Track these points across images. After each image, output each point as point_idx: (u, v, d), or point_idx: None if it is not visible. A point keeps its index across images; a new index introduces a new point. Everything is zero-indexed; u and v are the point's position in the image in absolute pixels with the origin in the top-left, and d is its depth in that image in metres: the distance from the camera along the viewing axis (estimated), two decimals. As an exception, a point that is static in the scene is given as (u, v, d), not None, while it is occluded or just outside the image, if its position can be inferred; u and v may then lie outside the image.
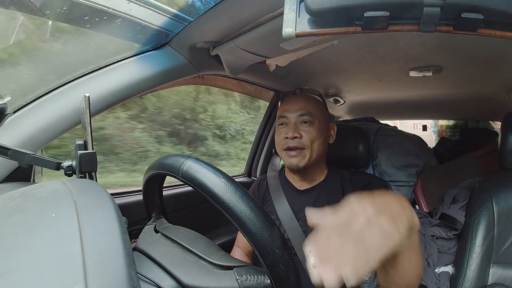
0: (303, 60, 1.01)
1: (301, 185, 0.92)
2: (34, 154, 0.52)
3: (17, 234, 0.28)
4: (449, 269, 0.99)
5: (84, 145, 0.50)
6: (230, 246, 0.97)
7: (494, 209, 0.87)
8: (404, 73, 1.23)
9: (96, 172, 0.51)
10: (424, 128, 3.12)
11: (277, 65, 1.00)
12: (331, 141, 0.92)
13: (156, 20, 0.74)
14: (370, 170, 1.28)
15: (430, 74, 1.20)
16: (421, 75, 1.22)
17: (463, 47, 0.96)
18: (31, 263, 0.25)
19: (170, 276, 0.42)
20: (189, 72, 0.88)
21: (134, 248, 0.50)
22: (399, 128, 1.49)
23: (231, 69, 0.93)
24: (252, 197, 0.39)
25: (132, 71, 0.75)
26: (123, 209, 0.49)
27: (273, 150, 1.59)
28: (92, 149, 0.49)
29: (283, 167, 1.04)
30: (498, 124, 2.28)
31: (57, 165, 0.52)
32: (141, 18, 0.71)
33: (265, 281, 0.40)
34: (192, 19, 0.73)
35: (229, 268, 0.42)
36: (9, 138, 0.61)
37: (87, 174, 0.49)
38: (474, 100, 1.60)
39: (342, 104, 1.75)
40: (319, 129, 0.85)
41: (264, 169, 1.57)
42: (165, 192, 1.01)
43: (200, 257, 0.44)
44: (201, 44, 0.82)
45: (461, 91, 1.49)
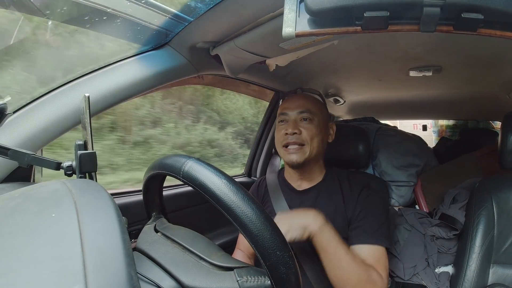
0: (303, 60, 1.01)
1: (300, 185, 0.92)
2: (34, 154, 0.52)
3: (17, 234, 0.28)
4: (449, 269, 0.99)
5: (84, 145, 0.49)
6: (230, 246, 0.97)
7: (494, 209, 0.87)
8: (404, 73, 1.23)
9: (96, 172, 0.51)
10: (424, 128, 3.12)
11: (277, 65, 1.00)
12: (330, 140, 0.93)
13: (156, 20, 0.74)
14: (370, 170, 1.28)
15: (430, 74, 1.20)
16: (421, 75, 1.22)
17: (463, 47, 0.96)
18: (31, 263, 0.25)
19: (170, 276, 0.42)
20: (189, 72, 0.88)
21: (134, 248, 0.50)
22: (399, 128, 1.49)
23: (231, 69, 0.93)
24: (253, 198, 0.39)
25: (132, 71, 0.75)
26: (123, 209, 0.49)
27: (273, 150, 1.59)
28: (92, 149, 0.49)
29: (282, 168, 1.05)
30: (498, 124, 2.28)
31: (57, 165, 0.52)
32: (141, 18, 0.71)
33: (266, 282, 0.40)
34: (192, 19, 0.73)
35: (230, 269, 0.42)
36: (9, 138, 0.61)
37: (87, 174, 0.49)
38: (474, 100, 1.60)
39: (342, 104, 1.75)
40: (318, 127, 0.86)
41: (264, 169, 1.57)
42: (165, 192, 1.01)
43: (200, 258, 0.44)
44: (201, 44, 0.82)
45: (461, 91, 1.49)
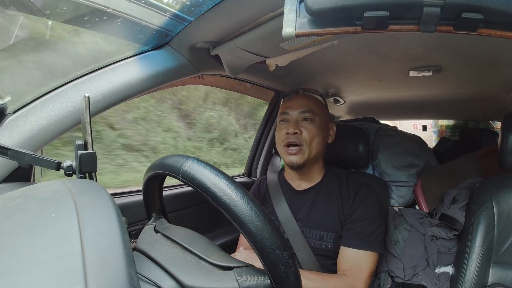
0: (303, 60, 1.01)
1: (299, 185, 0.92)
2: (34, 154, 0.52)
3: (17, 234, 0.28)
4: (449, 269, 0.99)
5: (84, 145, 0.49)
6: (230, 246, 0.97)
7: (494, 209, 0.87)
8: (404, 73, 1.23)
9: (96, 172, 0.51)
10: (424, 128, 3.12)
11: (277, 65, 1.00)
12: (329, 141, 0.93)
13: (156, 20, 0.74)
14: (370, 170, 1.28)
15: (430, 74, 1.20)
16: (421, 75, 1.22)
17: (463, 47, 0.96)
18: (31, 263, 0.25)
19: (170, 276, 0.42)
20: (189, 72, 0.88)
21: (134, 248, 0.50)
22: (399, 128, 1.49)
23: (231, 69, 0.93)
24: (252, 197, 0.39)
25: (132, 71, 0.75)
26: (123, 209, 0.49)
27: (273, 150, 1.59)
28: (92, 149, 0.49)
29: (282, 168, 1.05)
30: (498, 124, 2.28)
31: (57, 165, 0.52)
32: (141, 18, 0.71)
33: (265, 281, 0.40)
34: (192, 19, 0.73)
35: (229, 268, 0.42)
36: (9, 138, 0.61)
37: (87, 174, 0.49)
38: (474, 100, 1.60)
39: (342, 104, 1.75)
40: (319, 127, 0.86)
41: (264, 169, 1.57)
42: (165, 192, 1.01)
43: (200, 257, 0.44)
44: (201, 44, 0.82)
45: (461, 91, 1.49)
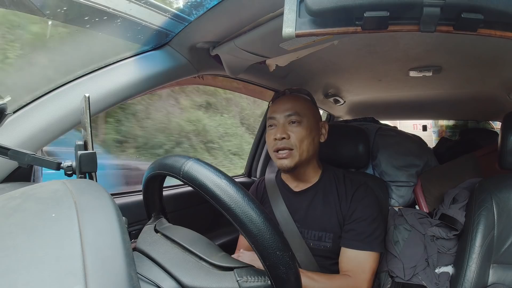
0: (303, 60, 1.01)
1: (296, 186, 0.92)
2: (34, 154, 0.52)
3: (17, 234, 0.28)
4: (449, 269, 0.99)
5: (84, 145, 0.49)
6: (230, 246, 0.97)
7: (494, 209, 0.87)
8: (404, 73, 1.23)
9: (96, 172, 0.51)
10: (424, 128, 3.13)
11: (277, 65, 1.00)
12: (322, 140, 0.90)
13: (156, 20, 0.74)
14: (370, 171, 1.28)
15: (430, 74, 1.20)
16: (421, 75, 1.22)
17: (463, 47, 0.96)
18: (31, 263, 0.25)
19: (170, 277, 0.42)
20: (189, 72, 0.88)
21: (134, 248, 0.50)
22: (399, 128, 1.49)
23: (231, 69, 0.93)
24: (253, 198, 0.39)
25: (132, 71, 0.75)
26: (123, 209, 0.49)
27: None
28: (92, 149, 0.49)
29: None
30: (498, 124, 2.28)
31: (57, 165, 0.52)
32: (141, 18, 0.71)
33: (266, 282, 0.40)
34: (192, 19, 0.73)
35: (230, 269, 0.42)
36: (9, 138, 0.61)
37: (87, 174, 0.49)
38: (474, 100, 1.60)
39: (342, 104, 1.75)
40: (308, 128, 0.84)
41: (264, 170, 1.57)
42: (165, 192, 1.01)
43: (200, 258, 0.44)
44: (201, 44, 0.82)
45: (461, 91, 1.49)
